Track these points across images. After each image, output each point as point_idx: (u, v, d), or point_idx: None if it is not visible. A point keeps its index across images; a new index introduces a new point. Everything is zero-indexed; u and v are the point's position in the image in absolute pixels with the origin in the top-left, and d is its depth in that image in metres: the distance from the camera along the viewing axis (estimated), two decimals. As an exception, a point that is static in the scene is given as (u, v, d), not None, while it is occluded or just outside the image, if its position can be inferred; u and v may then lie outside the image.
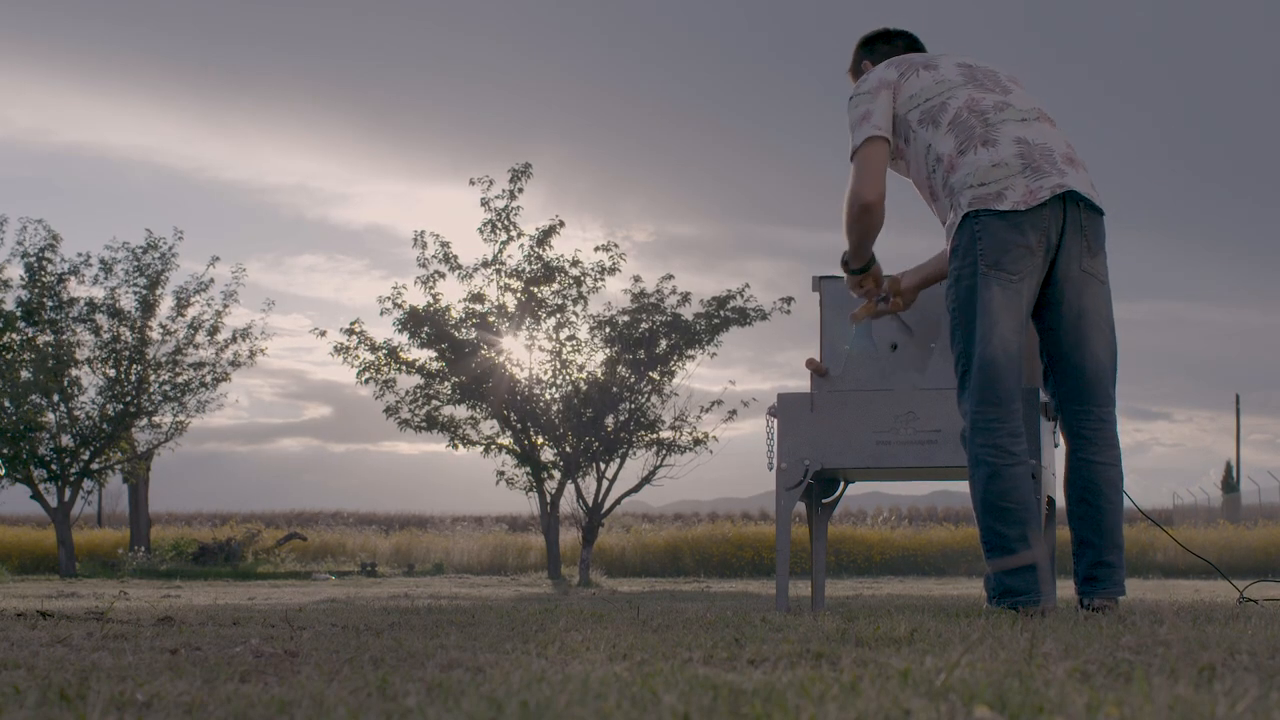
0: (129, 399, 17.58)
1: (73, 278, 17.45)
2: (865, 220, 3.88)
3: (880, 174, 3.84)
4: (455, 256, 15.44)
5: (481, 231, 15.41)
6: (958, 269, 3.73)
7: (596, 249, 15.74)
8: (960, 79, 3.90)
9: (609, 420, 15.50)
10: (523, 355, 15.56)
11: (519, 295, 15.36)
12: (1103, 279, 3.82)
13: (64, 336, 17.34)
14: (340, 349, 15.41)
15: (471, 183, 15.41)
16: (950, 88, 3.88)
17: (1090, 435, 3.85)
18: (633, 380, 15.46)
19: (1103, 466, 3.84)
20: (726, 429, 15.88)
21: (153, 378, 17.72)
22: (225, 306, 17.95)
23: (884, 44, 4.24)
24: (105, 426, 17.59)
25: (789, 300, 15.49)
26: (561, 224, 15.55)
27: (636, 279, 15.65)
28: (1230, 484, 39.01)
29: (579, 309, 15.57)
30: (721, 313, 15.38)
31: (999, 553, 3.66)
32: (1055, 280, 3.75)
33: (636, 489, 15.94)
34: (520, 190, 15.38)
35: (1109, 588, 3.82)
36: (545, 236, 15.42)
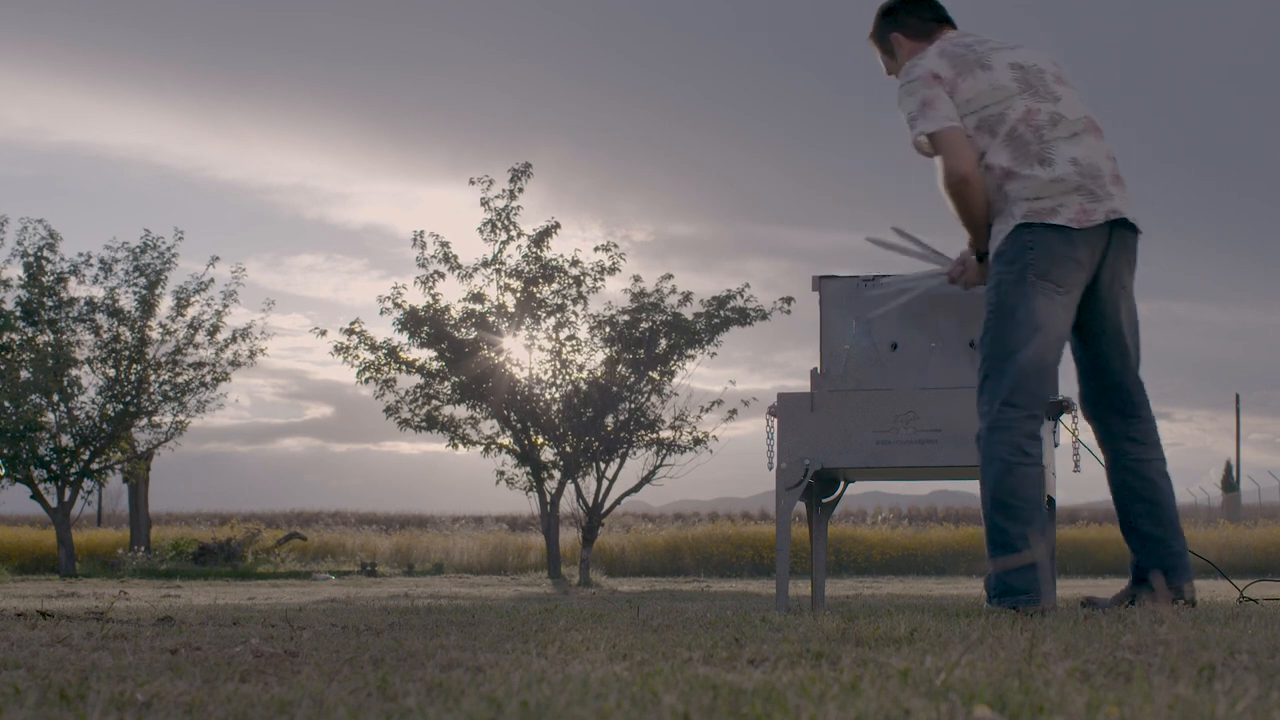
0: (129, 399, 17.58)
1: (72, 277, 17.44)
2: (968, 194, 3.86)
3: (968, 151, 3.84)
4: (455, 256, 15.45)
5: (481, 231, 15.42)
6: (1000, 274, 3.79)
7: (596, 249, 15.76)
8: (1015, 86, 3.92)
9: (609, 420, 15.50)
10: (522, 355, 15.57)
11: (519, 295, 15.36)
12: (1132, 292, 3.96)
13: (64, 336, 17.33)
14: (340, 349, 15.40)
15: (471, 182, 15.42)
16: (1006, 96, 3.90)
17: (1141, 439, 3.99)
18: (633, 380, 15.46)
19: (1157, 463, 3.99)
20: (726, 429, 15.89)
21: (153, 378, 17.71)
22: (225, 306, 17.95)
23: (911, 14, 4.17)
24: (105, 426, 17.59)
25: (789, 300, 15.50)
26: (558, 226, 15.56)
27: (636, 279, 15.65)
28: (1230, 483, 39.02)
29: (579, 309, 15.57)
30: (721, 312, 15.38)
31: (1002, 550, 3.70)
32: (1098, 295, 3.88)
33: (636, 489, 15.94)
34: (520, 190, 15.39)
35: (1185, 574, 3.95)
36: (542, 238, 15.41)
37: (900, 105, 3.98)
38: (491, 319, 15.32)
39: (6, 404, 17.01)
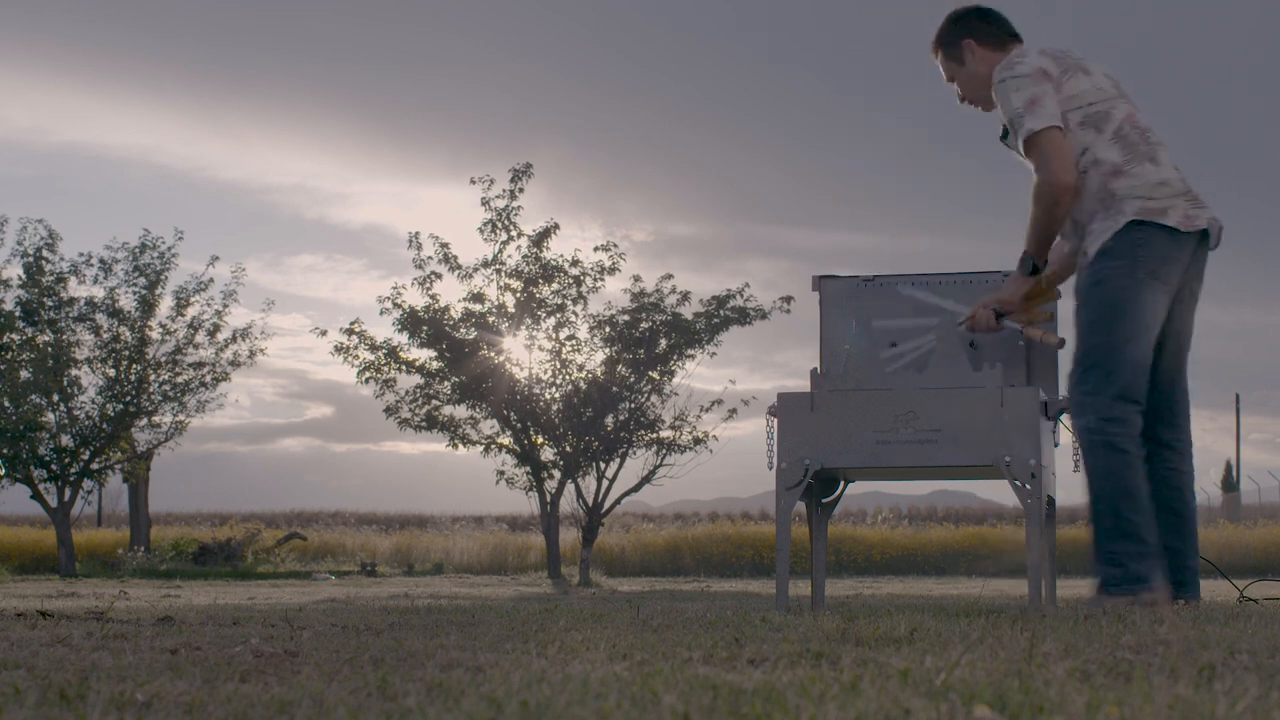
0: (129, 399, 17.57)
1: (72, 277, 17.44)
2: (1063, 206, 3.91)
3: (1071, 158, 3.89)
4: (455, 257, 15.44)
5: (482, 231, 15.41)
6: (1110, 269, 3.84)
7: (596, 249, 15.75)
8: (1114, 90, 3.99)
9: (609, 420, 15.50)
10: (522, 355, 15.57)
11: (519, 295, 15.35)
12: (1197, 302, 4.08)
13: (64, 336, 17.33)
14: (340, 349, 15.40)
15: (472, 182, 15.41)
16: (1110, 97, 3.97)
17: (1180, 448, 4.07)
18: (633, 380, 15.46)
19: (1188, 476, 4.07)
20: (726, 429, 15.88)
21: (153, 377, 17.71)
22: (225, 306, 17.95)
23: (986, 22, 4.18)
24: (105, 426, 17.58)
25: (789, 300, 15.48)
26: (557, 227, 15.55)
27: (636, 279, 15.64)
28: (1230, 483, 39.00)
29: (579, 309, 15.57)
30: (721, 312, 15.37)
31: (1126, 538, 3.77)
32: (1175, 300, 3.96)
33: (636, 489, 15.93)
34: (521, 190, 15.38)
35: (1195, 591, 4.01)
36: (541, 238, 15.41)
37: (1000, 101, 3.99)
38: (491, 319, 15.32)
39: (6, 404, 17.01)
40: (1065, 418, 4.23)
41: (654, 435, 15.62)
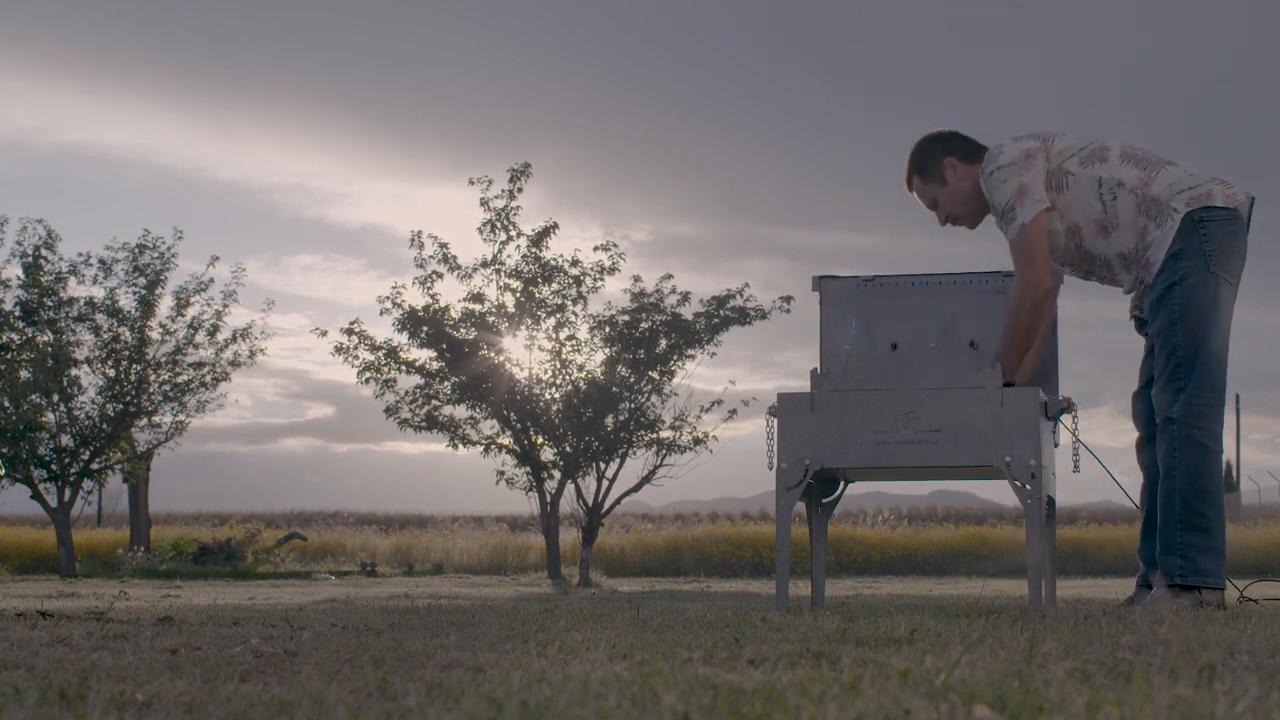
0: (129, 399, 17.57)
1: (72, 277, 17.43)
2: (1044, 310, 4.01)
3: (1049, 255, 3.99)
4: (454, 257, 15.44)
5: (481, 231, 15.41)
6: (1182, 270, 3.88)
7: (596, 249, 15.74)
8: (1097, 135, 4.09)
9: (609, 420, 15.49)
10: (522, 355, 15.56)
11: (518, 295, 15.35)
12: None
13: (63, 336, 17.33)
14: (340, 349, 15.40)
15: (471, 182, 15.41)
16: (1099, 138, 4.07)
17: None
18: (633, 380, 15.45)
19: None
20: (726, 429, 15.86)
21: (153, 377, 17.70)
22: (225, 306, 17.95)
23: (961, 140, 4.26)
24: (105, 426, 17.58)
25: (789, 299, 15.47)
26: (556, 227, 15.55)
27: (636, 279, 15.63)
28: (1230, 484, 38.96)
29: (578, 309, 15.56)
30: (721, 312, 15.36)
31: (1201, 532, 3.80)
32: None
33: (636, 489, 15.93)
34: (520, 190, 15.38)
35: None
36: (541, 239, 15.41)
37: (990, 195, 4.06)
38: (491, 319, 15.32)
39: (6, 404, 17.00)
40: (1065, 418, 4.23)
41: (654, 435, 15.61)
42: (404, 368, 15.38)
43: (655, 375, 15.50)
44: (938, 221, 4.32)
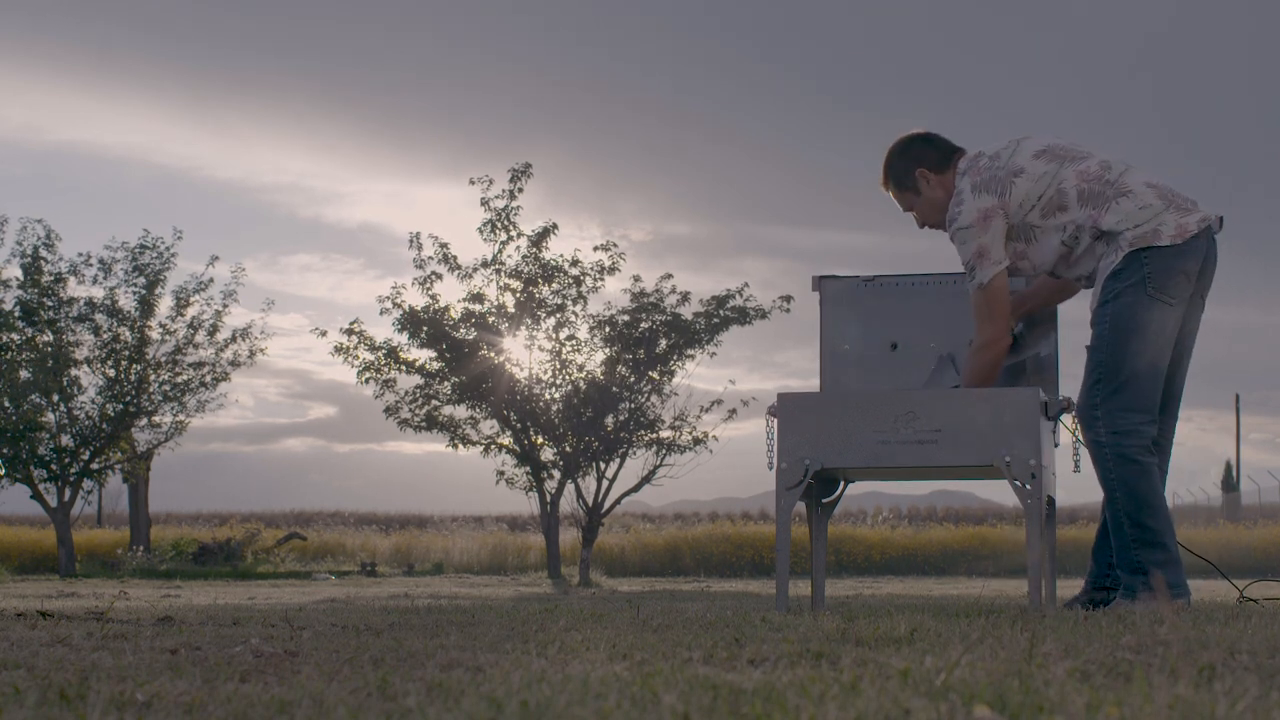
0: (129, 399, 17.57)
1: (72, 277, 17.43)
2: (1000, 363, 4.12)
3: (1007, 313, 4.11)
4: (454, 257, 15.43)
5: (481, 231, 15.40)
6: (1118, 289, 3.93)
7: (595, 249, 15.73)
8: (1054, 166, 4.07)
9: (609, 420, 15.49)
10: (522, 355, 15.56)
11: (518, 295, 15.35)
12: (1206, 298, 4.13)
13: (63, 336, 17.32)
14: (340, 349, 15.40)
15: (471, 182, 15.40)
16: (1051, 177, 4.05)
17: (1165, 445, 4.15)
18: (632, 380, 15.45)
19: (1165, 475, 4.16)
20: (726, 429, 15.86)
21: (152, 377, 17.70)
22: (225, 306, 17.94)
23: (928, 147, 4.27)
24: (105, 426, 17.58)
25: (788, 299, 15.47)
26: (555, 227, 15.55)
27: (636, 279, 15.63)
28: (1230, 483, 38.98)
29: (578, 309, 15.56)
30: (721, 312, 15.36)
31: (1154, 547, 3.90)
32: (1191, 302, 4.03)
33: (636, 489, 15.93)
34: (520, 190, 15.37)
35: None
36: (540, 239, 15.40)
37: (956, 246, 4.13)
38: (491, 319, 15.31)
39: (6, 404, 17.00)
40: (1065, 418, 4.23)
41: (654, 435, 15.61)
42: (404, 368, 15.38)
43: (655, 375, 15.50)
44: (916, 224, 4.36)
